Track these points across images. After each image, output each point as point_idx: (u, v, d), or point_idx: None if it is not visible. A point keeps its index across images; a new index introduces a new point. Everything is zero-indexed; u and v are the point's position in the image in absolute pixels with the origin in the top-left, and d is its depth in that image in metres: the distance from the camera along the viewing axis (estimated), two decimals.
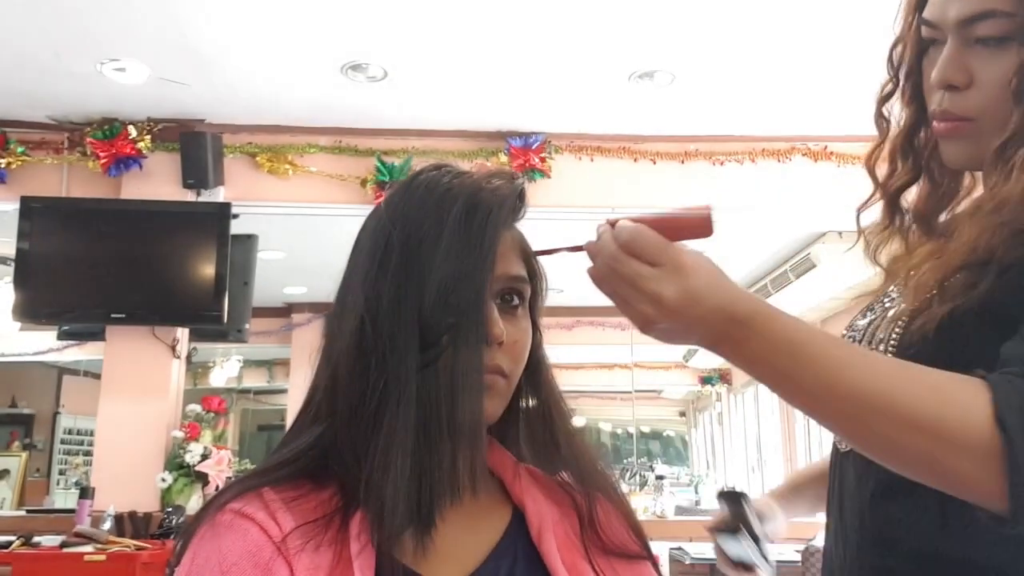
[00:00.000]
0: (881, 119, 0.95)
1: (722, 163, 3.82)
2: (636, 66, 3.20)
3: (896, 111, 0.94)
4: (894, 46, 0.93)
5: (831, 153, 3.81)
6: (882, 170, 0.96)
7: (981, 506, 0.67)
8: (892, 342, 0.82)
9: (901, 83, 0.92)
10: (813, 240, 4.78)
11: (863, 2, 2.72)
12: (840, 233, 4.43)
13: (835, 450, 0.93)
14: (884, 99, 0.95)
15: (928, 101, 0.88)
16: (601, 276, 0.73)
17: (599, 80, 3.32)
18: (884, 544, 0.82)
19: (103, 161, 3.56)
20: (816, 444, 6.07)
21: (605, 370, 7.60)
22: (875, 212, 0.99)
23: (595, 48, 3.07)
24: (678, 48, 3.07)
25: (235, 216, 3.59)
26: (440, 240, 0.68)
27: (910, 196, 0.96)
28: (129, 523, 3.22)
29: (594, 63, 3.19)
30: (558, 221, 3.71)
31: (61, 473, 7.44)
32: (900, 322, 0.82)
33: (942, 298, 0.78)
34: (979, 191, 0.93)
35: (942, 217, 0.95)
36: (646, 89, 3.37)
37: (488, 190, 0.72)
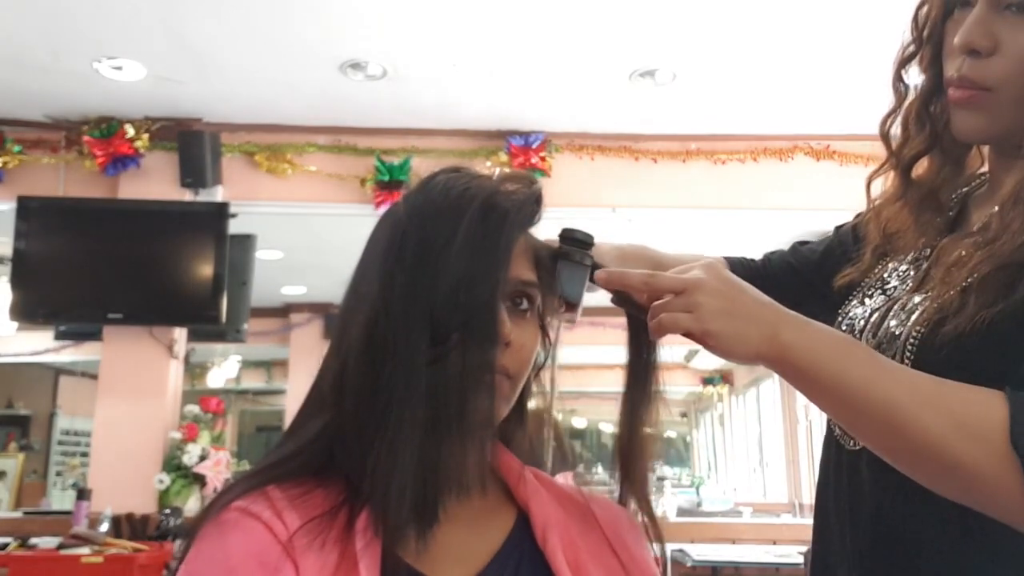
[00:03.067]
0: (899, 83, 0.92)
1: (723, 162, 3.80)
2: (637, 65, 3.18)
3: (915, 76, 0.91)
4: (920, 6, 0.89)
5: (833, 152, 3.80)
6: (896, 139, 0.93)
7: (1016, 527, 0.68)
8: (912, 341, 0.80)
9: (923, 46, 0.88)
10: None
11: (865, 1, 2.71)
12: None
13: (837, 447, 0.90)
14: (904, 61, 0.91)
15: (946, 67, 0.84)
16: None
17: (599, 79, 3.31)
18: (901, 550, 0.80)
19: (100, 160, 3.54)
20: (818, 445, 6.05)
21: (605, 370, 7.58)
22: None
23: (595, 47, 3.06)
24: (679, 46, 3.06)
25: (233, 215, 3.57)
26: (455, 239, 0.69)
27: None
28: (126, 525, 3.21)
29: (594, 62, 3.17)
30: (558, 221, 3.69)
31: (58, 474, 7.44)
32: (919, 325, 0.79)
33: (979, 299, 0.75)
34: (987, 167, 0.90)
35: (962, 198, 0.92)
36: (647, 88, 3.35)
37: (505, 193, 0.73)
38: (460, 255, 0.68)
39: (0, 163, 3.58)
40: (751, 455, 7.87)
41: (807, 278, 1.06)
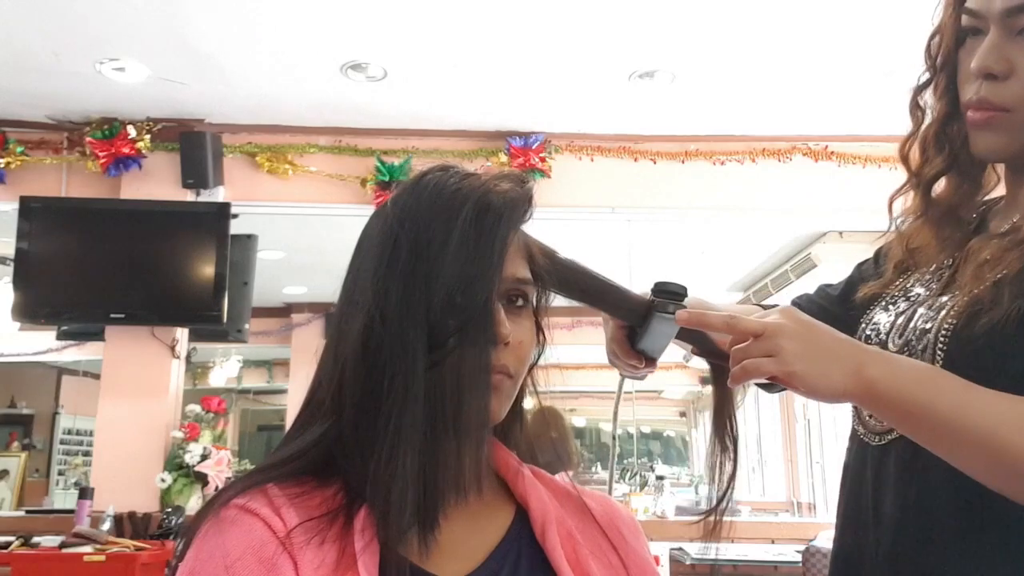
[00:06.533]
0: (916, 109, 0.96)
1: (723, 163, 3.81)
2: (636, 66, 3.19)
3: (931, 102, 0.95)
4: (932, 36, 0.93)
5: (832, 153, 3.80)
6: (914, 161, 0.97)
7: None
8: (944, 334, 0.83)
9: (937, 74, 0.93)
10: (814, 240, 4.78)
11: (864, 2, 2.72)
12: (841, 233, 4.42)
13: (861, 444, 0.93)
14: (920, 89, 0.96)
15: (962, 91, 0.88)
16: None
17: (599, 80, 3.32)
18: (926, 543, 0.83)
19: (102, 161, 3.55)
20: (816, 444, 6.06)
21: (605, 370, 7.55)
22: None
23: (595, 48, 3.07)
24: (678, 48, 3.07)
25: (235, 216, 3.59)
26: (449, 241, 0.68)
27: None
28: (128, 523, 3.22)
29: (594, 63, 3.18)
30: (558, 221, 3.72)
31: (60, 473, 7.44)
32: (952, 318, 0.83)
33: (1012, 290, 0.78)
34: (1002, 187, 0.94)
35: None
36: (646, 89, 3.36)
37: (498, 193, 0.72)
38: (456, 257, 0.68)
39: (3, 164, 3.60)
40: (749, 454, 7.87)
41: (832, 312, 1.10)
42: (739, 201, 3.82)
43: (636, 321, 0.87)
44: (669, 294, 0.85)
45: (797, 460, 6.36)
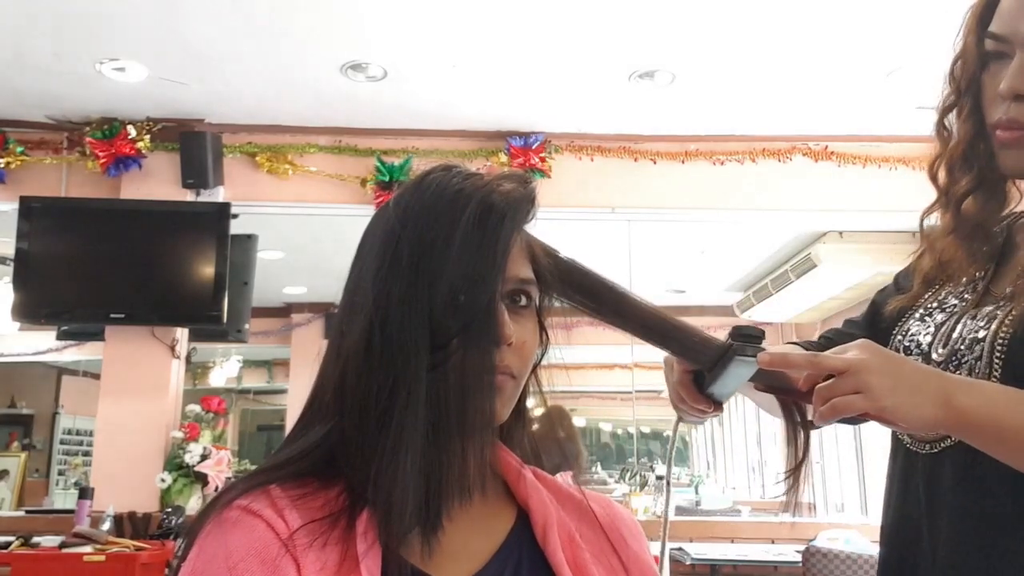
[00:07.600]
0: (943, 130, 1.00)
1: (722, 163, 3.81)
2: (636, 66, 3.19)
3: (955, 124, 0.99)
4: (955, 61, 0.97)
5: (832, 153, 3.80)
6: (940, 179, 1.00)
7: None
8: (1001, 342, 0.85)
9: (962, 97, 0.96)
10: (814, 240, 4.78)
11: (864, 2, 2.72)
12: (841, 233, 4.42)
13: (907, 453, 0.95)
14: (946, 111, 0.99)
15: (989, 112, 0.91)
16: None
17: (599, 80, 3.32)
18: (988, 547, 0.84)
19: (102, 161, 3.56)
20: (816, 444, 6.06)
21: (605, 370, 7.58)
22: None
23: (595, 48, 3.07)
24: (678, 48, 3.07)
25: (235, 216, 3.59)
26: (452, 242, 0.68)
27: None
28: (128, 523, 3.22)
29: (594, 63, 3.18)
30: (558, 221, 3.72)
31: (60, 473, 7.45)
32: (1008, 326, 0.85)
33: None
34: None
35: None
36: (646, 89, 3.36)
37: (501, 193, 0.72)
38: (459, 257, 0.67)
39: (3, 164, 3.60)
40: (750, 454, 7.87)
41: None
42: (739, 201, 3.82)
43: (708, 365, 0.86)
44: (748, 337, 0.84)
45: None
